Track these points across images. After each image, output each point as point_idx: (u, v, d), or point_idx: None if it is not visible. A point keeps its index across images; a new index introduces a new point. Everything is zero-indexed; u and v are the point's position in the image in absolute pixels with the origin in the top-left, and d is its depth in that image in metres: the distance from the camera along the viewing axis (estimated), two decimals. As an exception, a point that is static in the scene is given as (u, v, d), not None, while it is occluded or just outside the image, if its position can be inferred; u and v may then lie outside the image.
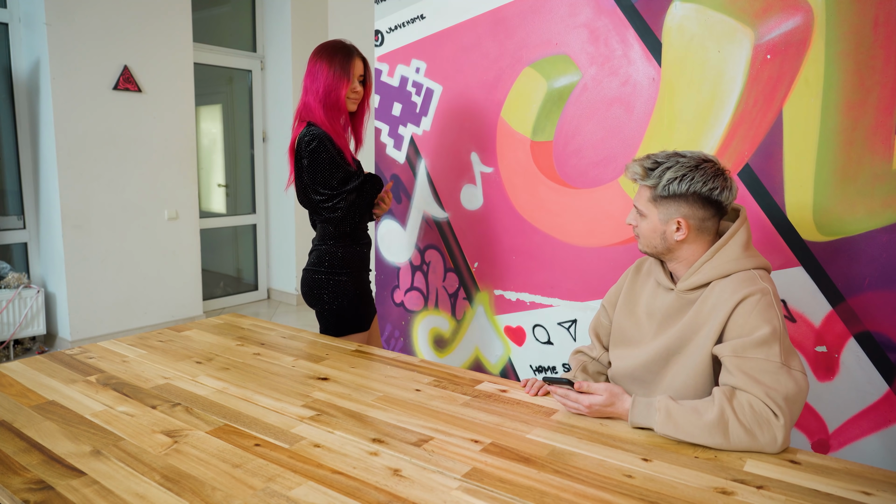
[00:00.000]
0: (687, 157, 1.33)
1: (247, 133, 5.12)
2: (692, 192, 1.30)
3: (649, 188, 1.35)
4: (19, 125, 3.77)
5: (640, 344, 1.45)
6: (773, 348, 1.21)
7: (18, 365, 1.62)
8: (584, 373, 1.58)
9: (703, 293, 1.34)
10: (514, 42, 2.22)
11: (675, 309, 1.38)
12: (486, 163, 2.36)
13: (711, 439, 1.17)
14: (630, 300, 1.51)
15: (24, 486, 1.03)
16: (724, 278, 1.31)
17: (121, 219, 3.95)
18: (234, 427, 1.28)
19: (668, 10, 1.87)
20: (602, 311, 1.61)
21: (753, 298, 1.25)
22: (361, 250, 2.01)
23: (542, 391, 1.46)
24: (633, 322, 1.48)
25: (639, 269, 1.54)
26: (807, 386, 1.22)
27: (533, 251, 2.26)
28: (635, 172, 1.36)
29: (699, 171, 1.30)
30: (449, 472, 1.10)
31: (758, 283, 1.27)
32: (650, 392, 1.41)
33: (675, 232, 1.34)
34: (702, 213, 1.32)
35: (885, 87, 1.55)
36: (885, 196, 1.57)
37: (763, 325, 1.22)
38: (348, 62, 1.89)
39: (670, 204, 1.33)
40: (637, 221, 1.40)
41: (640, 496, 1.03)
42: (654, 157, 1.36)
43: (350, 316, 1.98)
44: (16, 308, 3.64)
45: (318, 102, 1.88)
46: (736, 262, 1.32)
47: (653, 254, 1.42)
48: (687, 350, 1.34)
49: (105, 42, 3.75)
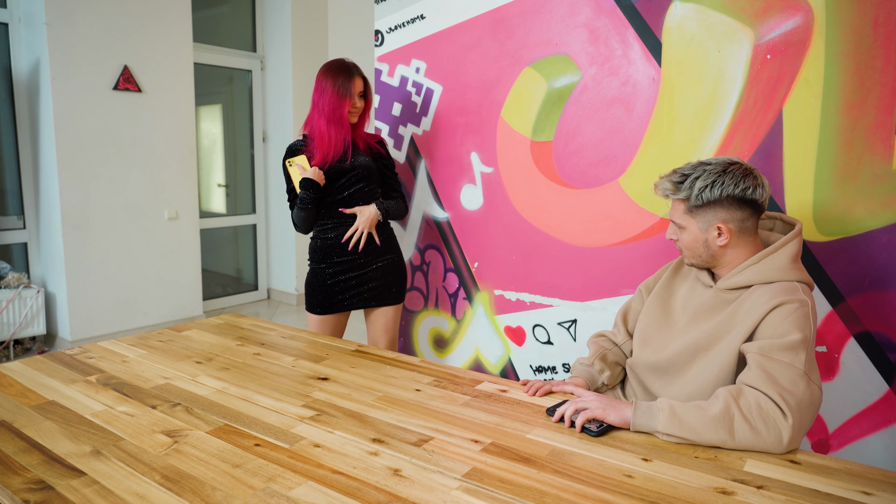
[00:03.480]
0: (713, 163, 1.34)
1: (247, 133, 5.12)
2: (726, 195, 1.31)
3: (682, 201, 1.37)
4: (19, 125, 3.77)
5: (667, 334, 1.44)
6: (800, 355, 1.21)
7: (18, 365, 1.63)
8: (602, 361, 1.56)
9: (742, 295, 1.34)
10: (514, 42, 2.22)
11: (711, 306, 1.38)
12: (486, 163, 2.36)
13: (716, 435, 1.16)
14: (666, 291, 1.51)
15: (24, 486, 1.03)
16: (765, 285, 1.31)
17: (121, 219, 3.95)
18: (234, 427, 1.28)
19: (668, 10, 1.87)
20: (637, 295, 1.60)
21: (791, 306, 1.25)
22: (323, 244, 2.24)
23: (542, 391, 1.46)
24: (664, 312, 1.48)
25: (681, 264, 1.54)
26: (820, 400, 1.22)
27: (533, 251, 2.26)
28: (665, 189, 1.38)
29: (728, 175, 1.31)
30: (449, 472, 1.10)
31: (798, 295, 1.27)
32: (669, 385, 1.40)
33: (717, 238, 1.35)
34: (740, 215, 1.33)
35: (885, 87, 1.55)
36: (885, 196, 1.57)
37: (795, 332, 1.22)
38: (349, 81, 2.13)
39: (707, 211, 1.34)
40: (677, 235, 1.41)
41: (640, 496, 1.03)
42: (680, 170, 1.37)
43: (306, 294, 2.30)
44: (16, 308, 3.64)
45: (324, 118, 2.14)
46: (781, 271, 1.32)
47: (700, 264, 1.42)
48: (716, 348, 1.34)
49: (105, 42, 3.76)
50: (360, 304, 2.25)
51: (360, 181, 2.19)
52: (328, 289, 2.23)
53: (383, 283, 2.26)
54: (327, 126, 2.13)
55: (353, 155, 2.18)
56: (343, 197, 2.18)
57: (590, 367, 1.55)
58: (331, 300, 2.23)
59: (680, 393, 1.38)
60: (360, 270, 2.22)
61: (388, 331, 2.30)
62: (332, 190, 2.17)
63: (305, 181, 2.12)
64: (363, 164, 2.19)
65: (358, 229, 2.17)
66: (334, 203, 2.19)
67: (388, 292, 2.28)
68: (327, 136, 2.13)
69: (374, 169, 2.22)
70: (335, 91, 2.11)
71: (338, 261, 2.22)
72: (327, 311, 2.24)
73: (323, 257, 2.23)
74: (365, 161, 2.19)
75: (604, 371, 1.54)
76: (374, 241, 2.22)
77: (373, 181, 2.22)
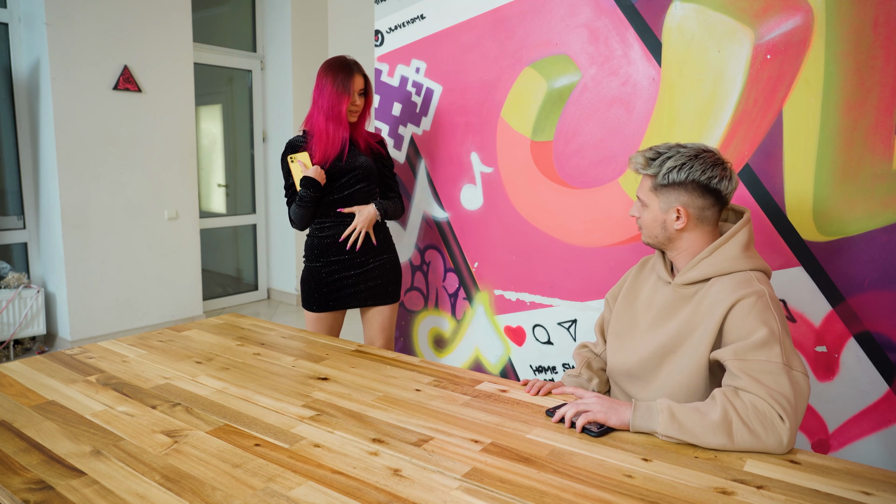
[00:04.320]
0: (688, 147, 1.36)
1: (247, 133, 5.12)
2: (691, 179, 1.33)
3: (651, 177, 1.38)
4: (19, 125, 3.77)
5: (634, 336, 1.45)
6: (774, 349, 1.21)
7: (18, 365, 1.62)
8: (588, 369, 1.59)
9: (701, 290, 1.35)
10: (514, 42, 2.22)
11: (672, 304, 1.39)
12: (486, 163, 2.36)
13: (716, 440, 1.17)
14: (631, 294, 1.52)
15: (24, 486, 1.03)
16: (721, 277, 1.32)
17: (121, 219, 3.95)
18: (234, 427, 1.28)
19: (668, 10, 1.87)
20: (605, 306, 1.63)
21: (749, 301, 1.25)
22: (320, 242, 2.24)
23: (543, 391, 1.46)
24: (630, 314, 1.49)
25: (643, 266, 1.56)
26: (808, 386, 1.22)
27: (533, 251, 2.26)
28: (637, 163, 1.40)
29: (698, 160, 1.33)
30: (449, 472, 1.10)
31: (753, 286, 1.27)
32: (644, 389, 1.41)
33: (675, 221, 1.36)
34: (701, 202, 1.34)
35: (885, 87, 1.55)
36: (885, 196, 1.57)
37: (761, 327, 1.23)
38: (349, 79, 2.12)
39: (670, 192, 1.35)
40: (639, 213, 1.42)
41: (640, 496, 1.03)
42: (655, 148, 1.39)
43: (302, 292, 2.30)
44: (16, 308, 3.64)
45: (322, 115, 2.13)
46: (734, 261, 1.32)
47: (655, 244, 1.44)
48: (682, 349, 1.35)
49: (105, 42, 3.76)
50: (356, 302, 2.26)
51: (361, 181, 2.19)
52: (325, 286, 2.23)
53: (380, 282, 2.26)
54: (326, 123, 2.13)
55: (354, 154, 2.19)
56: (343, 196, 2.19)
57: (577, 378, 1.58)
58: (328, 298, 2.24)
59: (656, 396, 1.39)
60: (356, 269, 2.23)
61: (384, 330, 2.30)
62: (332, 189, 2.17)
63: (306, 179, 2.12)
64: (364, 164, 2.19)
65: (356, 229, 2.17)
66: (333, 202, 2.19)
67: (385, 291, 2.28)
68: (326, 133, 2.13)
69: (375, 169, 2.23)
70: (334, 88, 2.10)
71: (334, 259, 2.22)
72: (324, 308, 2.25)
73: (319, 255, 2.23)
74: (366, 161, 2.19)
75: (592, 379, 1.57)
76: (371, 240, 2.22)
77: (373, 181, 2.23)
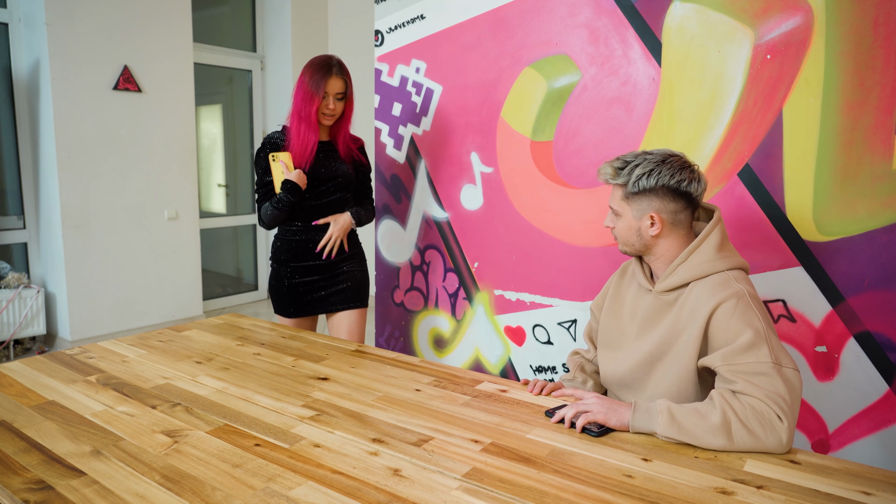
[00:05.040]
0: (654, 153, 1.37)
1: (247, 133, 5.12)
2: (661, 185, 1.33)
3: (621, 186, 1.39)
4: (19, 125, 3.77)
5: (623, 346, 1.46)
6: (762, 350, 1.21)
7: (18, 365, 1.62)
8: (582, 372, 1.60)
9: (682, 295, 1.35)
10: (514, 42, 2.22)
11: (655, 312, 1.40)
12: (486, 163, 2.36)
13: (715, 441, 1.17)
14: (615, 302, 1.53)
15: (24, 486, 1.03)
16: (700, 280, 1.33)
17: (121, 219, 3.95)
18: (234, 427, 1.28)
19: (668, 10, 1.87)
20: (591, 316, 1.64)
21: (730, 304, 1.26)
22: (290, 245, 2.17)
23: (546, 390, 1.47)
24: (617, 324, 1.50)
25: (624, 272, 1.56)
26: (800, 380, 1.22)
27: (533, 251, 2.26)
28: (606, 173, 1.40)
29: (666, 165, 1.34)
30: (449, 472, 1.10)
31: (732, 287, 1.28)
32: (637, 398, 1.42)
33: (650, 227, 1.37)
34: (673, 206, 1.35)
35: (885, 87, 1.55)
36: (885, 196, 1.57)
37: (745, 330, 1.23)
38: (324, 80, 2.00)
39: (642, 199, 1.36)
40: (613, 223, 1.43)
41: (640, 496, 1.03)
42: (622, 157, 1.40)
43: (273, 298, 2.25)
44: (16, 308, 3.64)
45: (296, 114, 2.05)
46: (710, 263, 1.33)
47: (632, 252, 1.45)
48: (669, 356, 1.35)
49: (105, 42, 3.76)
50: (325, 307, 2.21)
51: (340, 190, 2.16)
52: (294, 290, 2.19)
53: (349, 285, 2.22)
54: (298, 123, 2.05)
55: (336, 162, 2.14)
56: (320, 203, 2.14)
57: (573, 381, 1.59)
58: (299, 301, 2.20)
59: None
60: (325, 273, 2.19)
61: (351, 334, 2.24)
62: (311, 195, 2.12)
63: (288, 183, 2.04)
64: (345, 173, 2.15)
65: (332, 237, 2.13)
66: (310, 208, 2.13)
67: (354, 296, 2.23)
68: (297, 133, 2.05)
69: (354, 178, 2.20)
70: (308, 88, 2.01)
71: (302, 264, 2.17)
72: (299, 313, 2.21)
73: (287, 258, 2.18)
74: (346, 171, 2.15)
75: (587, 381, 1.58)
76: (342, 246, 2.19)
77: (350, 190, 2.21)
